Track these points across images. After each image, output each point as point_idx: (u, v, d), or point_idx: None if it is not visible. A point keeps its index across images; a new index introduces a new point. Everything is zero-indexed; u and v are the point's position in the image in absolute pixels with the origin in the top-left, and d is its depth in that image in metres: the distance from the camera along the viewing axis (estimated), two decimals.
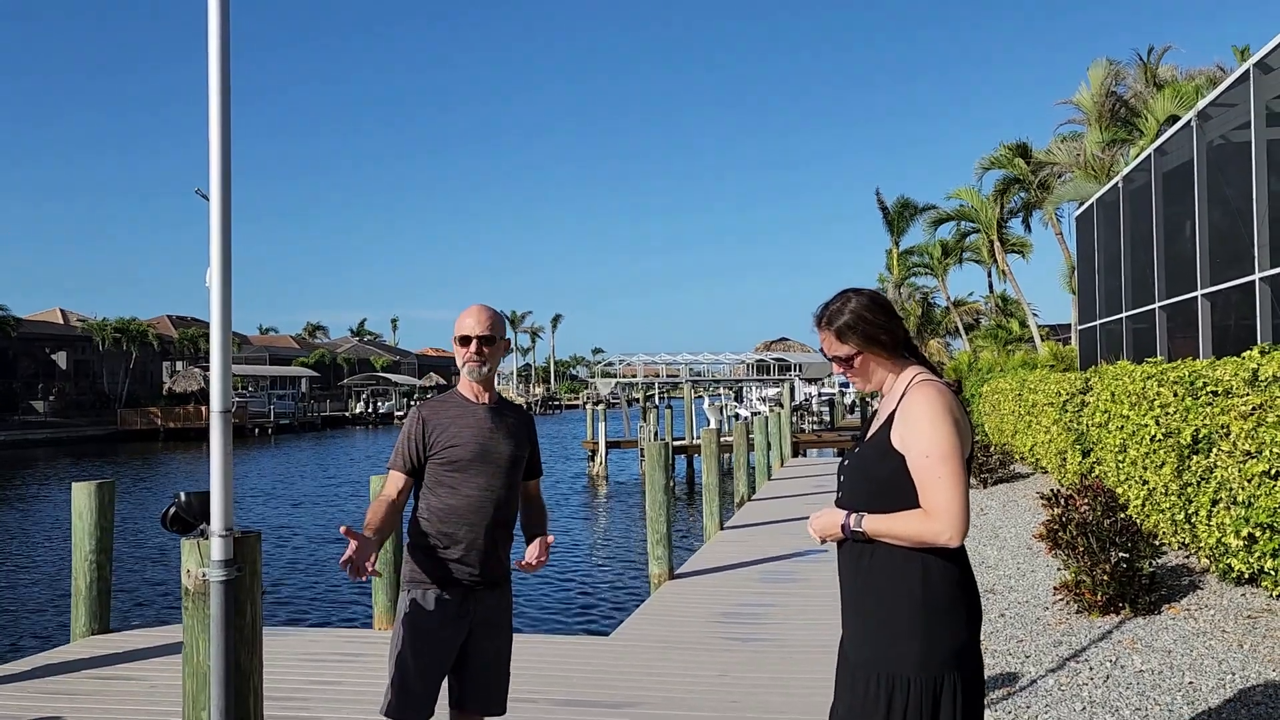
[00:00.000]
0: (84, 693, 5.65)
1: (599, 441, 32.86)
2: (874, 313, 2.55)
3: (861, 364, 2.57)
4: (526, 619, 12.17)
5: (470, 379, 3.34)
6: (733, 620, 7.35)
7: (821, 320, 2.61)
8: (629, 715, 5.12)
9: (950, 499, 2.33)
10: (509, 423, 3.37)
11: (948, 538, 2.34)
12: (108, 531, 7.05)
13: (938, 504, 2.34)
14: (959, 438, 2.39)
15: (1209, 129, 10.58)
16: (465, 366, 3.32)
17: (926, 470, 2.36)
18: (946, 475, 2.34)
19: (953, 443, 2.37)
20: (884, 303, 2.59)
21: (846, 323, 2.54)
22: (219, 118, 2.73)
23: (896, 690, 2.36)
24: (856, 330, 2.53)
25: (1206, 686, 4.60)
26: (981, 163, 29.79)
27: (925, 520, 2.35)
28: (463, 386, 3.38)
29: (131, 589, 14.61)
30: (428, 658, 3.16)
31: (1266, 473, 5.02)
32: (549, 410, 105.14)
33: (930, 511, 2.35)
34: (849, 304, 2.56)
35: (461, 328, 3.31)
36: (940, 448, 2.36)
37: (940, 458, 2.35)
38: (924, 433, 2.38)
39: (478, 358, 3.30)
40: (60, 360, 62.31)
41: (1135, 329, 13.37)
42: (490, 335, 3.32)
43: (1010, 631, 6.22)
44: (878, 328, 2.54)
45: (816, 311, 2.63)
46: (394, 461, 3.29)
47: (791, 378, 64.20)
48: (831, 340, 2.58)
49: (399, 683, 3.15)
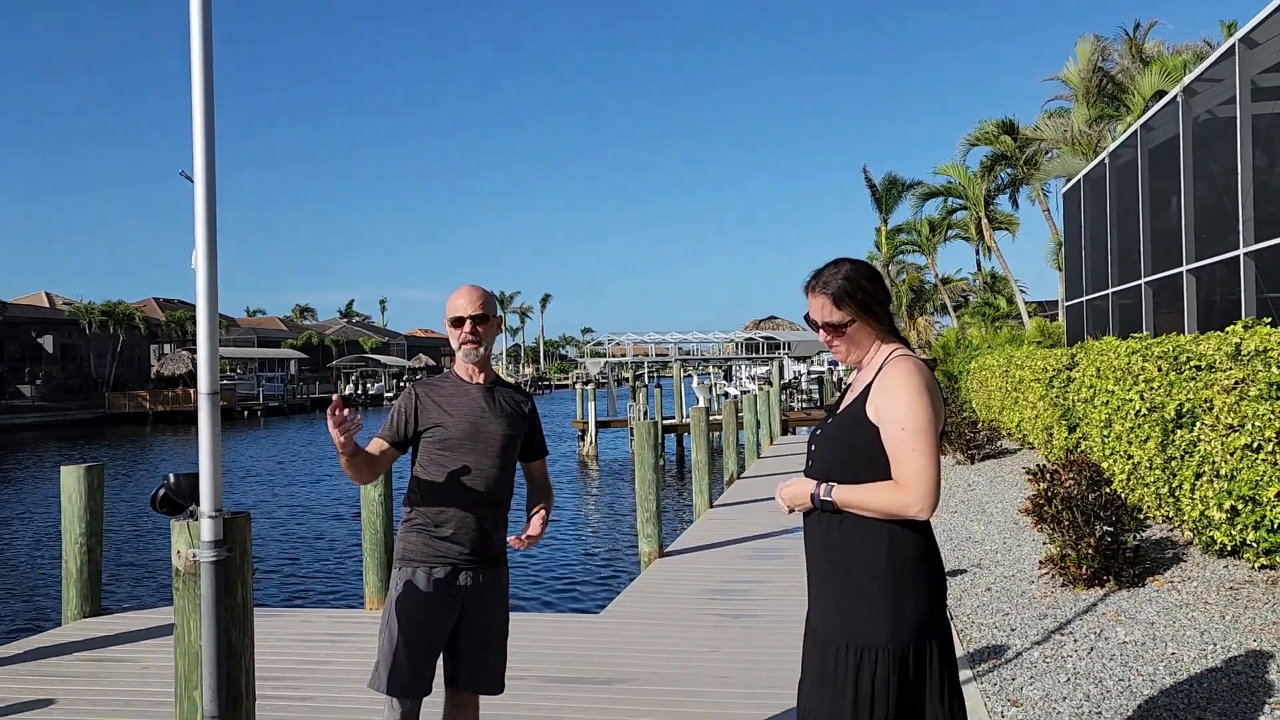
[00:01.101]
0: (76, 675, 5.67)
1: (589, 421, 32.89)
2: (870, 282, 2.52)
3: (853, 333, 2.53)
4: (517, 597, 12.22)
5: (467, 361, 3.33)
6: (722, 596, 7.40)
7: (815, 285, 2.55)
8: (620, 691, 5.17)
9: (923, 472, 2.35)
10: (503, 403, 3.37)
11: (917, 510, 2.36)
12: (97, 514, 7.05)
13: (910, 476, 2.36)
14: (935, 414, 2.41)
15: (1195, 104, 10.60)
16: (461, 349, 3.31)
17: (901, 443, 2.38)
18: (921, 449, 2.36)
19: (929, 417, 2.38)
20: (877, 274, 2.57)
21: (844, 289, 2.50)
22: (202, 98, 2.72)
23: (865, 660, 2.39)
24: (854, 298, 2.50)
25: (1189, 657, 4.67)
26: (967, 139, 29.72)
27: (896, 491, 2.37)
28: (458, 367, 3.39)
29: (123, 572, 14.61)
30: (417, 635, 3.17)
31: (1249, 446, 5.07)
32: (538, 390, 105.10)
33: (902, 483, 2.37)
34: (842, 269, 2.53)
35: (454, 309, 3.30)
36: (917, 421, 2.38)
37: (916, 431, 2.37)
38: (901, 405, 2.40)
39: (473, 338, 3.30)
40: (46, 344, 61.93)
41: (1121, 305, 13.44)
42: (483, 314, 3.31)
43: (996, 605, 6.28)
44: (873, 298, 2.52)
45: (808, 277, 2.58)
46: (382, 430, 3.32)
47: (780, 356, 64.32)
48: (826, 306, 2.52)
49: (388, 659, 3.17)
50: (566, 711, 4.85)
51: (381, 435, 3.30)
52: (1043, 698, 4.54)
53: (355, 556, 13.85)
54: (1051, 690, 4.61)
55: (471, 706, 3.39)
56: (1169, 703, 4.21)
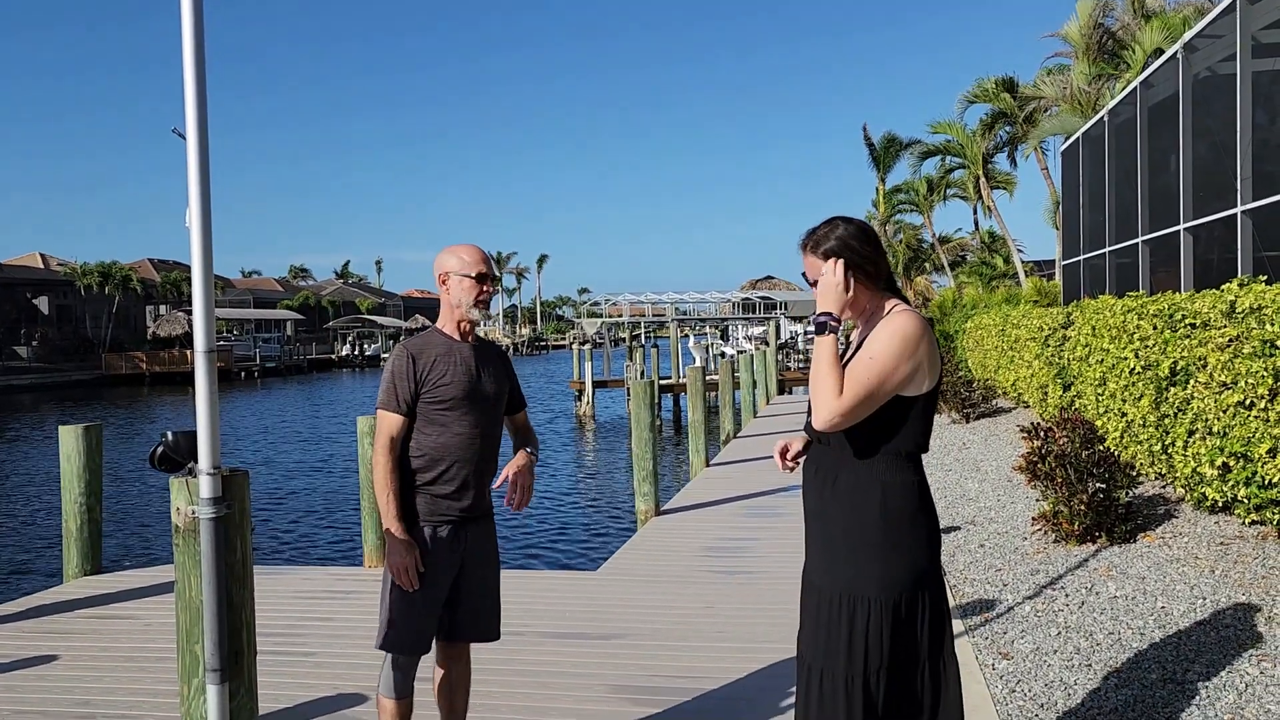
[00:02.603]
0: (78, 631, 5.73)
1: (585, 381, 32.94)
2: (861, 242, 2.55)
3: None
4: (515, 555, 12.33)
5: (474, 317, 3.33)
6: (718, 554, 7.47)
7: (807, 244, 2.59)
8: (617, 646, 5.23)
9: (853, 396, 2.39)
10: (491, 360, 3.40)
11: (822, 418, 2.41)
12: (96, 474, 7.08)
13: (845, 392, 2.40)
14: (909, 365, 2.43)
15: (1195, 61, 10.51)
16: (476, 305, 3.29)
17: (860, 366, 2.43)
18: (869, 380, 2.40)
19: (898, 364, 2.41)
20: (872, 234, 2.59)
21: (833, 249, 2.54)
22: (193, 51, 2.70)
23: (858, 610, 2.45)
24: (842, 257, 2.53)
25: (1178, 610, 4.73)
26: (965, 96, 29.43)
27: (830, 395, 2.41)
28: (445, 325, 3.36)
29: (122, 530, 14.70)
30: (425, 594, 3.21)
31: (1241, 403, 5.10)
32: (535, 351, 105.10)
33: (837, 393, 2.41)
34: (836, 230, 2.56)
35: (477, 264, 3.29)
36: (884, 360, 2.41)
37: (879, 367, 2.41)
38: (881, 342, 2.44)
39: (487, 296, 3.33)
40: (42, 305, 61.74)
41: (1119, 263, 13.42)
42: (495, 275, 3.38)
43: (989, 561, 6.35)
44: (863, 258, 2.54)
45: (803, 235, 2.62)
46: (386, 401, 3.23)
47: (777, 316, 64.27)
48: (817, 265, 2.57)
49: (395, 618, 3.21)
50: (564, 666, 4.91)
51: (390, 408, 3.22)
52: (1033, 650, 4.61)
53: (354, 515, 13.94)
54: (1042, 644, 4.68)
55: (465, 657, 3.47)
56: (1158, 655, 4.27)
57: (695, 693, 4.48)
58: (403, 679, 3.26)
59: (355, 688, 4.63)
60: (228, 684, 2.75)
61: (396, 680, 3.26)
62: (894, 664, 2.46)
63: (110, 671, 4.98)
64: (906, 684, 2.50)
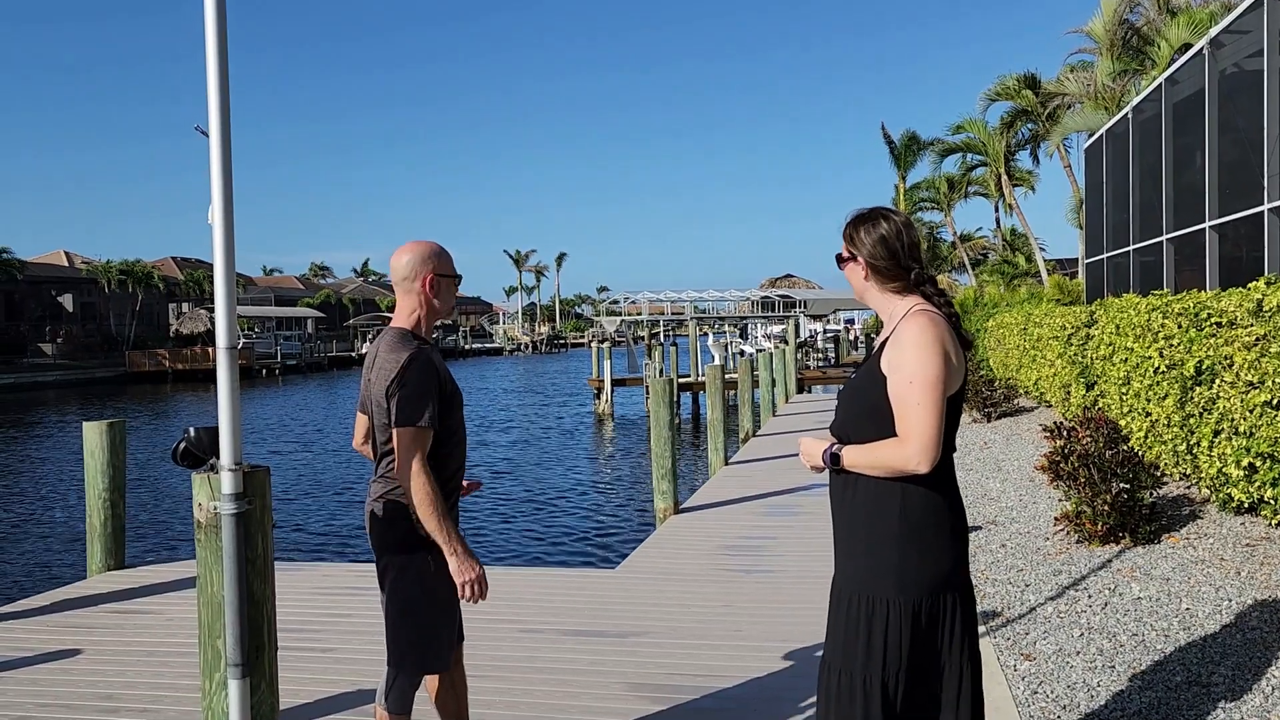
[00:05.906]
0: (102, 626, 5.78)
1: (605, 379, 32.95)
2: (873, 240, 2.56)
3: (858, 284, 2.64)
4: (534, 552, 12.35)
5: (445, 319, 3.26)
6: (736, 552, 7.45)
7: (846, 223, 2.65)
8: (635, 644, 5.23)
9: (924, 425, 2.36)
10: None
11: (916, 463, 2.36)
12: (119, 469, 7.14)
13: (910, 429, 2.37)
14: (945, 368, 2.40)
15: (1221, 57, 10.40)
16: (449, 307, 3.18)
17: (906, 396, 2.39)
18: (925, 402, 2.37)
19: (937, 372, 2.39)
20: (894, 245, 2.55)
21: (856, 236, 2.60)
22: (216, 49, 2.71)
23: (877, 611, 2.44)
24: (861, 251, 2.59)
25: (1203, 612, 4.68)
26: (987, 94, 29.24)
27: (897, 446, 2.39)
28: (420, 329, 3.14)
29: (145, 525, 14.82)
30: (452, 614, 3.18)
31: (1268, 403, 5.03)
32: (555, 349, 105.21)
33: (903, 437, 2.38)
34: (861, 225, 2.59)
35: (453, 265, 3.19)
36: (923, 375, 2.38)
37: (922, 384, 2.37)
38: (910, 358, 2.41)
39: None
40: (67, 303, 62.35)
41: (1142, 262, 13.30)
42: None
43: (1011, 561, 6.30)
44: (871, 254, 2.57)
45: (849, 213, 2.66)
46: (428, 419, 2.98)
47: (796, 314, 64.10)
48: (844, 242, 2.65)
49: (430, 638, 3.13)
50: (582, 664, 4.91)
51: (430, 425, 2.98)
52: (1056, 652, 4.57)
53: None
54: (1065, 645, 4.64)
55: (461, 658, 3.45)
56: (1182, 657, 4.23)
57: (714, 691, 4.47)
58: (413, 694, 3.22)
59: (375, 684, 4.62)
60: (249, 679, 2.76)
61: (410, 697, 3.19)
62: (914, 667, 2.44)
63: (132, 665, 5.02)
64: (928, 687, 2.48)
